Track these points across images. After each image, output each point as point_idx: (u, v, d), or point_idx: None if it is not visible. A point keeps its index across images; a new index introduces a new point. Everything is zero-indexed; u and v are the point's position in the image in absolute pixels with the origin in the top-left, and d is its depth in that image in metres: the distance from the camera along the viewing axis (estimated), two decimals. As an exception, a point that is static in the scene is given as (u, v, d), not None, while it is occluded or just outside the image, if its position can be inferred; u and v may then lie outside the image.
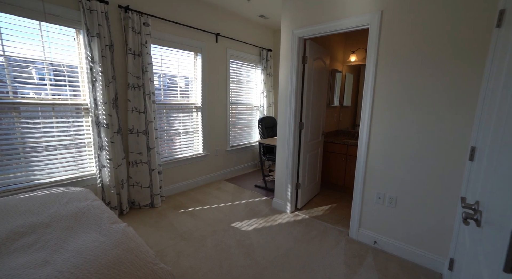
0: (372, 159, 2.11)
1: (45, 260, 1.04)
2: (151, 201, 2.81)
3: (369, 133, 2.10)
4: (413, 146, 1.89)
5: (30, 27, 2.04)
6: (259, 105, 4.40)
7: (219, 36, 3.52)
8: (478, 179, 1.06)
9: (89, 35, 2.24)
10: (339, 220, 2.62)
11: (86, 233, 1.30)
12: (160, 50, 2.93)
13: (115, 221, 1.46)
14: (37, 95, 2.16)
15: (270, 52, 4.29)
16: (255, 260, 1.94)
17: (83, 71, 2.37)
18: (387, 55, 1.94)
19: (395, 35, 1.89)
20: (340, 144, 3.31)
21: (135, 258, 1.18)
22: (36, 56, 2.10)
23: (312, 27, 2.35)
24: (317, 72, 2.83)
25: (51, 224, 1.32)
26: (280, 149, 2.79)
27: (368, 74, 2.05)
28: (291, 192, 2.75)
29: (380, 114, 2.03)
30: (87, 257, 1.08)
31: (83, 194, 1.74)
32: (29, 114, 2.13)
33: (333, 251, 2.09)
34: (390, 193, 2.03)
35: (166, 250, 2.03)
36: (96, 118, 2.38)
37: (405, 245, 1.99)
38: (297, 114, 2.65)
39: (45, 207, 1.48)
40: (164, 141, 3.15)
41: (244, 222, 2.52)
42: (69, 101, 2.33)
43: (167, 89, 3.12)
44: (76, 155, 2.43)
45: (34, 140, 2.17)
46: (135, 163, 2.71)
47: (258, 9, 3.45)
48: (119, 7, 2.48)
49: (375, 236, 2.15)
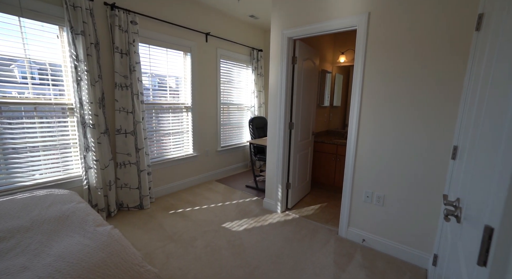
0: (361, 158, 2.14)
1: (24, 266, 1.00)
2: (140, 202, 2.76)
3: (358, 133, 2.14)
4: (399, 145, 1.93)
5: (9, 23, 1.96)
6: (250, 105, 4.39)
7: (209, 36, 3.49)
8: (459, 176, 1.09)
9: (73, 33, 2.17)
10: (329, 219, 2.65)
11: (69, 236, 1.27)
12: (149, 50, 2.88)
13: (100, 223, 1.43)
14: (19, 95, 2.08)
15: (260, 52, 4.30)
16: (246, 260, 1.94)
17: (67, 70, 2.30)
18: (375, 56, 1.97)
19: (382, 36, 1.92)
20: (330, 144, 3.34)
21: (120, 260, 1.15)
22: (16, 54, 2.02)
23: (301, 27, 2.37)
24: (307, 73, 2.85)
25: (32, 228, 1.27)
26: (271, 149, 2.80)
27: (356, 75, 2.08)
28: (282, 191, 2.76)
29: (367, 115, 2.07)
30: (69, 261, 1.05)
31: (67, 196, 1.69)
32: (10, 114, 2.04)
33: (323, 249, 2.11)
34: (378, 191, 2.07)
35: (155, 252, 2.00)
36: (81, 119, 2.31)
37: (392, 243, 2.04)
38: (287, 114, 2.66)
39: (26, 210, 1.42)
40: (154, 142, 3.10)
41: (234, 222, 2.51)
42: (52, 100, 2.26)
43: (156, 89, 3.08)
44: (61, 156, 2.36)
45: (15, 141, 2.09)
46: (123, 164, 2.65)
47: (248, 9, 3.45)
48: (105, 4, 2.42)
49: (363, 234, 2.18)
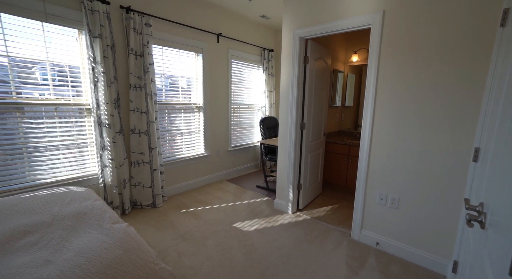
0: (374, 159, 2.10)
1: (47, 259, 1.04)
2: (153, 201, 2.81)
3: (371, 133, 2.09)
4: (415, 147, 1.87)
5: (33, 27, 2.05)
6: (260, 105, 4.39)
7: (220, 37, 3.52)
8: (482, 180, 1.05)
9: (91, 36, 2.25)
10: (341, 221, 2.60)
11: (88, 233, 1.31)
12: (162, 51, 2.94)
13: (116, 220, 1.47)
14: (40, 96, 2.17)
15: (271, 53, 4.29)
16: (256, 260, 1.94)
17: (85, 72, 2.38)
18: (390, 55, 1.93)
19: (397, 35, 1.87)
20: (342, 145, 3.29)
21: (136, 258, 1.18)
22: (38, 57, 2.11)
23: (313, 27, 2.35)
24: (318, 73, 2.82)
25: (53, 224, 1.32)
26: (282, 149, 2.79)
27: (370, 74, 2.04)
28: (293, 192, 2.74)
29: (382, 114, 2.02)
30: (88, 257, 1.09)
31: (85, 194, 1.75)
32: (32, 115, 2.14)
33: (335, 252, 2.08)
34: (393, 194, 2.02)
35: (168, 250, 2.04)
36: (98, 119, 2.38)
37: (408, 247, 1.98)
38: (299, 114, 2.64)
39: (48, 207, 1.48)
40: (166, 141, 3.16)
41: (245, 223, 2.52)
42: (71, 101, 2.34)
43: (169, 90, 3.13)
44: (78, 155, 2.44)
45: (37, 140, 2.18)
46: (137, 163, 2.71)
47: (260, 9, 3.45)
48: (121, 7, 2.49)
49: (377, 237, 2.13)
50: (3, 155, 2.04)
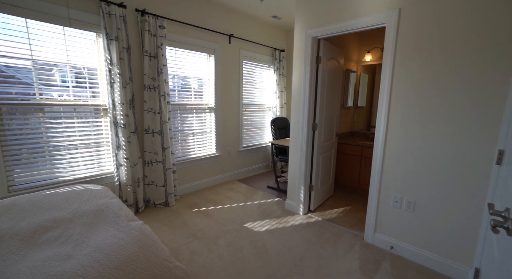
0: (389, 161, 2.05)
1: (68, 254, 1.09)
2: (165, 199, 2.87)
3: (386, 134, 2.04)
4: (433, 148, 1.81)
5: (55, 32, 2.14)
6: (271, 106, 4.39)
7: (232, 37, 3.54)
8: (508, 184, 1.00)
9: (108, 39, 2.32)
10: (353, 223, 2.56)
11: (105, 229, 1.35)
12: (175, 52, 2.99)
13: (132, 218, 1.50)
14: (59, 97, 2.26)
15: (283, 53, 4.28)
16: (268, 261, 1.94)
17: (102, 73, 2.46)
18: (406, 55, 1.88)
19: (414, 33, 1.82)
20: (355, 145, 3.24)
21: (151, 255, 1.21)
22: (59, 60, 2.20)
23: (326, 27, 2.32)
24: (331, 73, 2.79)
25: (73, 220, 1.37)
26: (293, 150, 2.77)
27: (385, 74, 2.00)
28: (304, 193, 2.71)
29: (397, 115, 1.97)
30: (106, 253, 1.12)
31: (102, 192, 1.80)
32: (52, 115, 2.23)
33: (348, 255, 2.04)
34: (408, 196, 1.96)
35: (180, 249, 2.07)
36: (114, 119, 2.45)
37: (425, 252, 1.92)
38: (311, 115, 2.62)
39: (68, 203, 1.54)
40: (178, 141, 3.21)
41: (256, 223, 2.52)
42: (89, 102, 2.42)
43: (181, 90, 3.18)
44: (95, 154, 2.53)
45: (57, 139, 2.27)
46: (150, 162, 2.77)
47: (271, 9, 3.45)
48: (136, 10, 2.55)
49: (391, 241, 2.08)
50: (27, 153, 2.13)
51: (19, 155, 2.10)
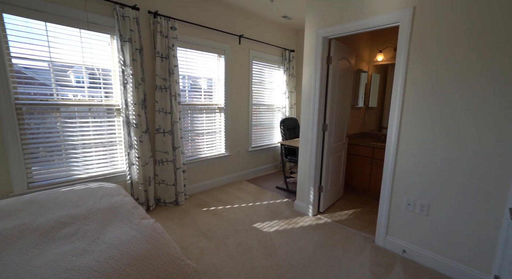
0: (401, 163, 2.00)
1: (84, 250, 1.12)
2: (175, 198, 2.91)
3: (398, 136, 2.00)
4: (448, 150, 1.76)
5: (72, 34, 2.21)
6: (281, 106, 4.38)
7: (242, 38, 3.56)
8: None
9: (122, 40, 2.37)
10: (364, 226, 2.52)
11: (118, 227, 1.38)
12: (186, 53, 3.03)
13: (144, 216, 1.53)
14: (74, 97, 2.33)
15: (292, 53, 4.26)
16: (277, 262, 1.93)
17: (115, 74, 2.52)
18: (420, 55, 1.83)
19: (429, 33, 1.78)
20: (365, 147, 3.18)
21: (163, 253, 1.22)
22: (75, 61, 2.27)
23: (337, 26, 2.30)
24: (342, 73, 2.75)
25: (88, 216, 1.41)
26: (303, 151, 2.76)
27: (398, 74, 1.96)
28: (314, 194, 2.69)
29: (411, 115, 1.92)
30: (120, 249, 1.15)
31: (115, 190, 1.85)
32: (69, 115, 2.30)
33: (358, 257, 2.01)
34: (422, 199, 1.92)
35: (190, 247, 2.09)
36: (126, 119, 2.51)
37: (439, 257, 1.86)
38: (321, 115, 2.59)
39: (83, 200, 1.59)
40: (188, 141, 3.25)
41: (265, 223, 2.52)
42: (103, 102, 2.49)
43: (191, 91, 3.22)
44: (108, 153, 2.59)
45: (73, 138, 2.34)
46: (161, 162, 2.82)
47: (281, 9, 3.44)
48: (149, 12, 2.60)
49: (404, 245, 2.03)
50: (44, 151, 2.21)
51: (37, 153, 2.18)
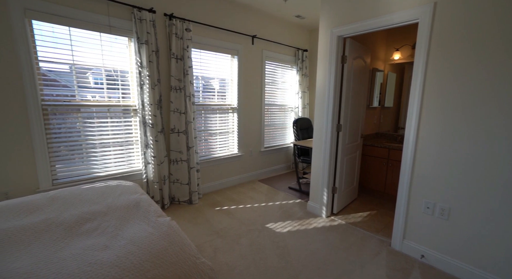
0: (420, 164, 1.94)
1: (105, 245, 1.16)
2: (189, 197, 2.96)
3: (417, 136, 1.93)
4: (472, 151, 1.68)
5: (93, 38, 2.30)
6: (293, 106, 4.35)
7: (255, 38, 3.57)
8: None
9: (139, 43, 2.44)
10: (379, 229, 2.45)
11: (136, 224, 1.42)
12: (200, 54, 3.08)
13: (160, 214, 1.57)
14: (92, 98, 2.42)
15: (305, 53, 4.22)
16: (290, 263, 1.92)
17: (132, 76, 2.60)
18: (441, 53, 1.76)
19: (451, 30, 1.71)
20: (381, 147, 3.10)
21: (179, 250, 1.25)
22: (95, 63, 2.36)
23: (352, 25, 2.25)
24: (356, 72, 2.70)
25: (108, 213, 1.47)
26: (316, 151, 2.72)
27: (417, 73, 1.89)
28: (327, 196, 2.65)
29: (430, 115, 1.85)
30: (139, 246, 1.18)
31: (132, 188, 1.90)
32: (89, 115, 2.40)
33: (374, 261, 1.96)
34: (442, 203, 1.84)
35: (203, 246, 2.12)
36: (143, 119, 2.58)
37: (461, 263, 1.78)
38: (335, 115, 2.56)
39: (103, 198, 1.65)
40: (202, 141, 3.29)
41: (278, 224, 2.51)
42: (120, 103, 2.57)
43: (205, 91, 3.26)
44: (125, 152, 2.67)
45: (93, 138, 2.44)
46: (175, 161, 2.88)
47: (295, 9, 3.42)
48: (165, 15, 2.66)
49: (422, 249, 1.96)
50: (67, 150, 2.32)
51: (60, 151, 2.28)
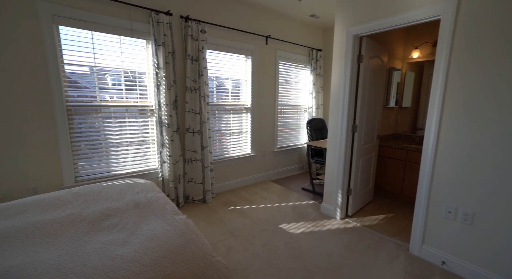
0: (441, 167, 1.86)
1: (125, 240, 1.20)
2: (203, 196, 3.00)
3: (437, 138, 1.86)
4: (498, 154, 1.60)
5: (113, 41, 2.39)
6: (307, 106, 4.31)
7: (269, 39, 3.57)
8: None
9: (156, 45, 2.51)
10: (396, 232, 2.38)
11: (154, 221, 1.46)
12: (214, 55, 3.12)
13: (176, 212, 1.60)
14: (110, 98, 2.51)
15: (320, 52, 4.17)
16: (304, 264, 1.90)
17: (150, 77, 2.68)
18: (465, 50, 1.68)
19: (476, 26, 1.63)
20: (398, 149, 3.01)
21: (195, 248, 1.27)
22: (115, 65, 2.45)
23: (370, 23, 2.20)
24: (373, 71, 2.63)
25: (127, 210, 1.51)
26: (331, 152, 2.68)
27: (438, 72, 1.82)
28: (342, 197, 2.61)
29: (452, 115, 1.78)
30: (157, 242, 1.21)
31: (149, 186, 1.96)
32: (108, 115, 2.49)
33: (391, 266, 1.90)
34: (465, 207, 1.76)
35: (217, 245, 2.14)
36: (159, 119, 2.65)
37: (486, 272, 1.69)
38: (350, 116, 2.51)
39: (122, 195, 1.71)
40: (216, 141, 3.33)
41: (291, 225, 2.50)
42: (138, 103, 2.65)
43: (219, 91, 3.30)
44: (142, 151, 2.75)
45: (112, 137, 2.53)
46: (190, 160, 2.93)
47: (309, 8, 3.39)
48: (181, 17, 2.72)
49: (443, 255, 1.88)
50: (88, 148, 2.42)
51: (80, 150, 2.38)
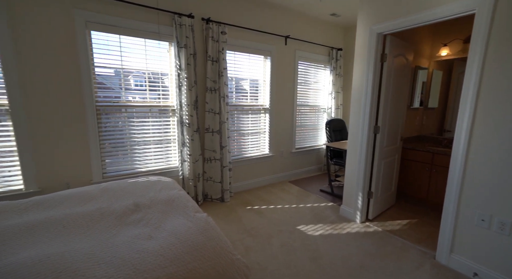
0: (473, 171, 1.75)
1: (150, 235, 1.25)
2: (221, 195, 3.05)
3: (469, 140, 1.75)
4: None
5: (139, 44, 2.50)
6: (326, 107, 4.23)
7: (288, 39, 3.55)
8: None
9: (178, 46, 2.59)
10: (421, 239, 2.27)
11: (176, 218, 1.51)
12: (234, 56, 3.15)
13: (197, 210, 1.64)
14: (133, 99, 2.61)
15: (340, 52, 4.08)
16: (322, 267, 1.87)
17: (172, 78, 2.76)
18: (503, 47, 1.57)
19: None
20: (424, 152, 2.86)
21: (216, 245, 1.29)
22: (140, 67, 2.56)
23: (395, 21, 2.12)
24: (397, 71, 2.53)
25: (151, 206, 1.58)
26: (351, 154, 2.61)
27: (471, 69, 1.71)
28: (362, 200, 2.53)
29: (487, 117, 1.66)
30: (179, 238, 1.25)
31: (171, 184, 2.02)
32: (132, 115, 2.60)
33: (415, 274, 1.82)
34: (501, 216, 1.64)
35: (235, 244, 2.16)
36: (180, 118, 2.72)
37: (522, 284, 1.57)
38: (372, 117, 2.43)
39: (146, 191, 1.78)
40: (234, 140, 3.37)
41: (309, 226, 2.46)
42: (161, 103, 2.75)
43: (238, 92, 3.33)
44: (164, 150, 2.85)
45: (136, 136, 2.64)
46: (209, 160, 2.98)
47: (330, 7, 3.33)
48: (202, 19, 2.78)
49: (475, 266, 1.77)
50: (114, 146, 2.54)
51: (107, 148, 2.51)
